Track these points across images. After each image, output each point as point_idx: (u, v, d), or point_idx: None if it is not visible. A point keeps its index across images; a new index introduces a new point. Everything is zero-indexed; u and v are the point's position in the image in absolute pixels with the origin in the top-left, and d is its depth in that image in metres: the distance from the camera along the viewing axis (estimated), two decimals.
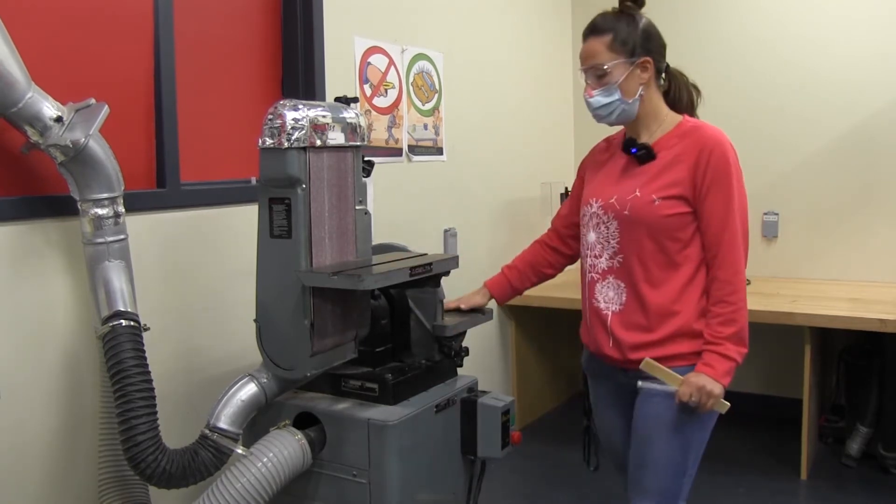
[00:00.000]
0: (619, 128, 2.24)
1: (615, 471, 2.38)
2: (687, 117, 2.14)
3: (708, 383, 2.00)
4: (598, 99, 2.09)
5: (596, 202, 2.16)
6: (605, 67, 2.05)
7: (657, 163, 2.08)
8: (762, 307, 3.54)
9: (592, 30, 2.09)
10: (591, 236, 2.17)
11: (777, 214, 4.40)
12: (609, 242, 2.12)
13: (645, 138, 2.13)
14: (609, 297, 2.14)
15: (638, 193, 2.07)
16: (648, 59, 2.07)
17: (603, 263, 2.14)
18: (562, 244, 2.42)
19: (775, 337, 4.33)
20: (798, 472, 3.64)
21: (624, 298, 2.11)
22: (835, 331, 3.65)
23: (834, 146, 4.27)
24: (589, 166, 2.33)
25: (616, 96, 2.08)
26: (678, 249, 2.06)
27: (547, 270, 2.45)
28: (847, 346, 3.97)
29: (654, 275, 2.07)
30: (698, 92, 2.21)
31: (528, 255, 2.48)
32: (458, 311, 2.40)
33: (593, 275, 2.17)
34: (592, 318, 2.20)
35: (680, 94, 2.18)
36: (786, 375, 4.36)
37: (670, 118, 2.14)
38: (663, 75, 2.16)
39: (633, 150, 2.10)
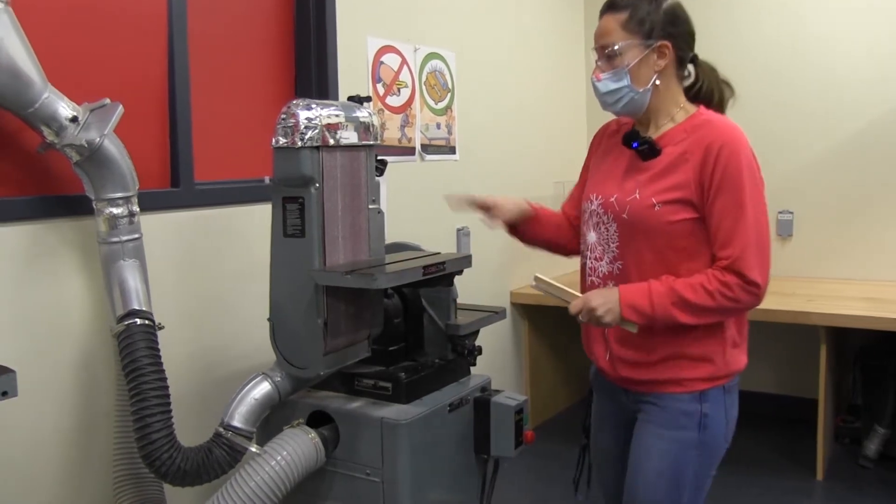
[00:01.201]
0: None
1: (604, 501, 2.16)
2: (702, 109, 1.89)
3: (603, 304, 1.77)
4: (606, 83, 1.86)
5: (596, 199, 1.94)
6: (616, 48, 1.82)
7: (661, 160, 1.83)
8: (777, 306, 3.51)
9: (610, 6, 1.86)
10: (592, 236, 1.95)
11: (792, 213, 4.38)
12: (609, 246, 1.90)
13: (652, 131, 1.89)
14: None
15: (637, 196, 1.83)
16: (667, 43, 1.82)
17: (604, 267, 1.92)
18: (575, 231, 2.14)
19: (791, 336, 4.30)
20: (814, 472, 3.62)
21: None
22: (851, 331, 3.62)
23: (849, 144, 4.24)
24: (596, 150, 2.09)
25: (625, 82, 1.84)
26: (682, 261, 1.81)
27: (568, 246, 2.17)
28: (864, 347, 3.93)
29: None
30: (731, 91, 1.96)
31: (561, 220, 2.19)
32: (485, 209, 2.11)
33: (594, 278, 1.95)
34: (591, 327, 1.98)
35: (709, 91, 1.93)
36: (801, 375, 4.33)
37: (685, 110, 1.89)
38: (689, 67, 1.92)
39: (635, 145, 1.86)
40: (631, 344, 1.88)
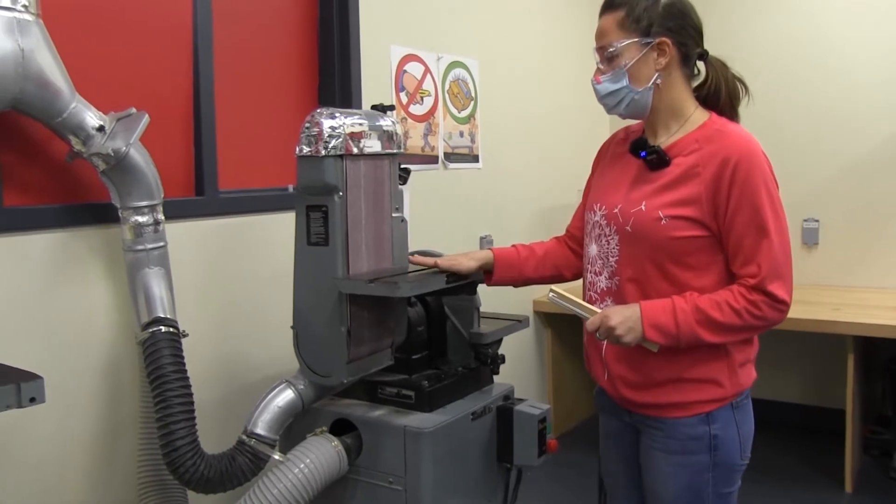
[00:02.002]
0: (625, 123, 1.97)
1: None
2: (714, 116, 1.79)
3: (622, 322, 1.68)
4: (605, 85, 1.79)
5: (599, 210, 1.86)
6: (613, 48, 1.76)
7: (671, 171, 1.74)
8: (804, 315, 3.47)
9: (608, 5, 1.80)
10: (593, 249, 1.88)
11: (817, 221, 4.33)
12: (608, 260, 1.82)
13: (663, 139, 1.80)
14: None
15: (643, 207, 1.75)
16: (666, 39, 1.73)
17: (602, 283, 1.84)
18: (579, 247, 2.06)
19: (818, 346, 4.25)
20: (842, 484, 3.56)
21: None
22: (879, 340, 3.57)
23: (875, 151, 4.19)
24: (601, 161, 2.02)
25: (623, 83, 1.76)
26: (687, 280, 1.73)
27: (564, 272, 2.10)
28: (893, 356, 3.88)
29: None
30: (745, 88, 1.85)
31: (548, 247, 2.13)
32: (433, 268, 2.09)
33: (592, 293, 1.88)
34: (589, 344, 1.93)
35: (717, 89, 1.81)
36: (828, 385, 4.28)
37: (696, 116, 1.79)
38: (698, 64, 1.83)
39: (643, 154, 1.78)
40: (629, 365, 1.81)
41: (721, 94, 1.82)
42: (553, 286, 1.81)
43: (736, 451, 1.81)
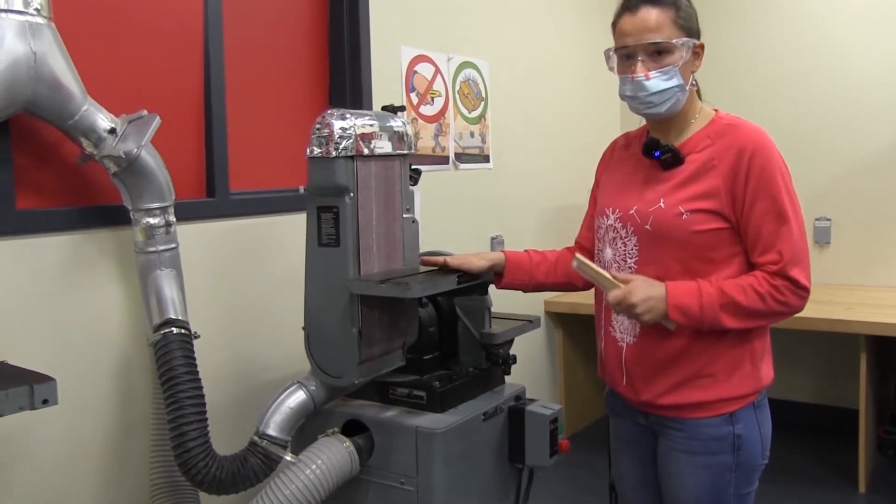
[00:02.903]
0: (638, 125, 1.97)
1: None
2: (721, 112, 1.82)
3: (643, 301, 1.68)
4: (657, 82, 1.73)
5: (613, 213, 1.85)
6: (673, 43, 1.73)
7: (686, 168, 1.75)
8: (816, 315, 3.46)
9: (652, 0, 1.76)
10: (608, 253, 1.87)
11: (829, 220, 4.31)
12: (626, 262, 1.82)
13: (674, 138, 1.81)
14: (625, 327, 1.84)
15: (662, 205, 1.75)
16: (702, 44, 1.78)
17: None
18: (589, 257, 1.99)
19: (830, 345, 4.23)
20: (856, 484, 3.55)
21: (639, 329, 1.80)
22: (892, 339, 3.55)
23: (887, 149, 4.17)
24: (605, 168, 2.02)
25: (675, 81, 1.74)
26: (709, 274, 1.73)
27: (575, 281, 2.09)
28: None
29: None
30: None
31: (560, 255, 2.13)
32: (442, 267, 2.10)
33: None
34: (608, 348, 1.91)
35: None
36: (841, 385, 4.26)
37: (703, 114, 1.82)
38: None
39: (657, 154, 1.78)
40: (651, 366, 1.80)
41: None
42: (578, 255, 1.79)
43: (758, 451, 1.81)
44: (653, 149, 1.79)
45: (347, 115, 1.99)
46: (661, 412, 1.84)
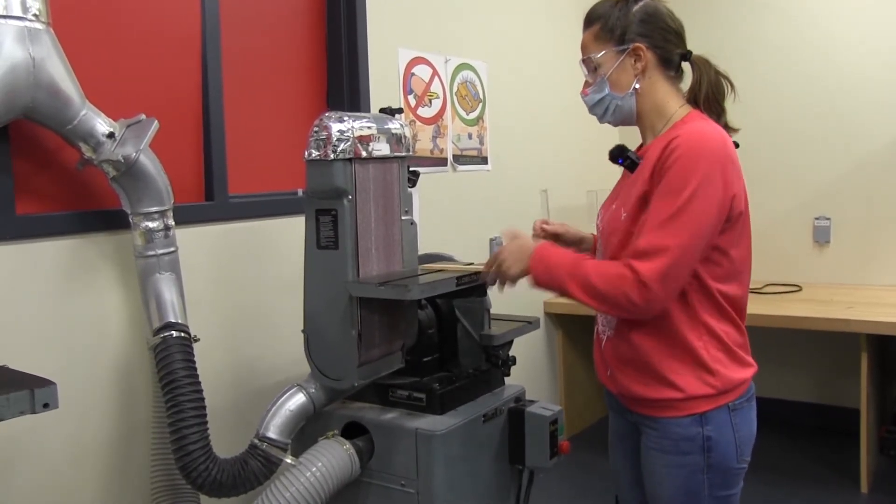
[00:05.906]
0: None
1: None
2: (694, 113, 1.78)
3: (512, 252, 1.80)
4: (592, 97, 1.84)
5: (599, 220, 1.93)
6: (593, 60, 1.81)
7: (637, 171, 1.76)
8: (816, 314, 3.46)
9: (585, 23, 1.85)
10: (598, 256, 1.92)
11: (829, 219, 4.30)
12: None
13: (649, 141, 1.82)
14: (607, 319, 1.85)
15: (614, 207, 1.81)
16: (640, 44, 1.76)
17: None
18: None
19: (830, 345, 4.23)
20: (858, 484, 3.54)
21: (615, 323, 1.82)
22: (894, 338, 3.55)
23: (887, 148, 4.16)
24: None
25: (606, 91, 1.81)
26: None
27: None
28: None
29: None
30: (731, 85, 1.84)
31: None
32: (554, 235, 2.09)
33: (597, 314, 1.91)
34: (596, 342, 1.94)
35: (700, 86, 1.81)
36: (842, 384, 4.25)
37: (677, 115, 1.79)
38: (683, 65, 1.84)
39: (620, 161, 1.80)
40: (622, 359, 1.80)
41: (703, 91, 1.81)
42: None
43: (731, 455, 1.77)
44: (617, 156, 1.81)
45: (345, 118, 2.00)
46: (639, 409, 1.84)
